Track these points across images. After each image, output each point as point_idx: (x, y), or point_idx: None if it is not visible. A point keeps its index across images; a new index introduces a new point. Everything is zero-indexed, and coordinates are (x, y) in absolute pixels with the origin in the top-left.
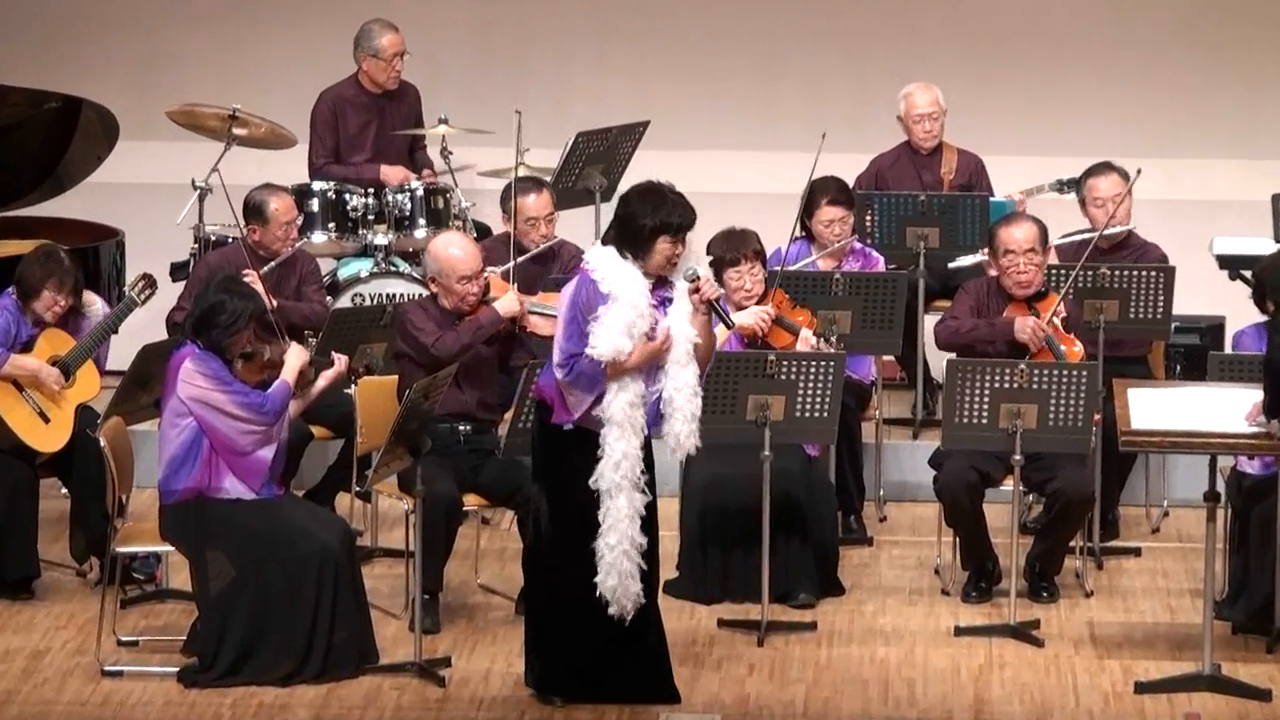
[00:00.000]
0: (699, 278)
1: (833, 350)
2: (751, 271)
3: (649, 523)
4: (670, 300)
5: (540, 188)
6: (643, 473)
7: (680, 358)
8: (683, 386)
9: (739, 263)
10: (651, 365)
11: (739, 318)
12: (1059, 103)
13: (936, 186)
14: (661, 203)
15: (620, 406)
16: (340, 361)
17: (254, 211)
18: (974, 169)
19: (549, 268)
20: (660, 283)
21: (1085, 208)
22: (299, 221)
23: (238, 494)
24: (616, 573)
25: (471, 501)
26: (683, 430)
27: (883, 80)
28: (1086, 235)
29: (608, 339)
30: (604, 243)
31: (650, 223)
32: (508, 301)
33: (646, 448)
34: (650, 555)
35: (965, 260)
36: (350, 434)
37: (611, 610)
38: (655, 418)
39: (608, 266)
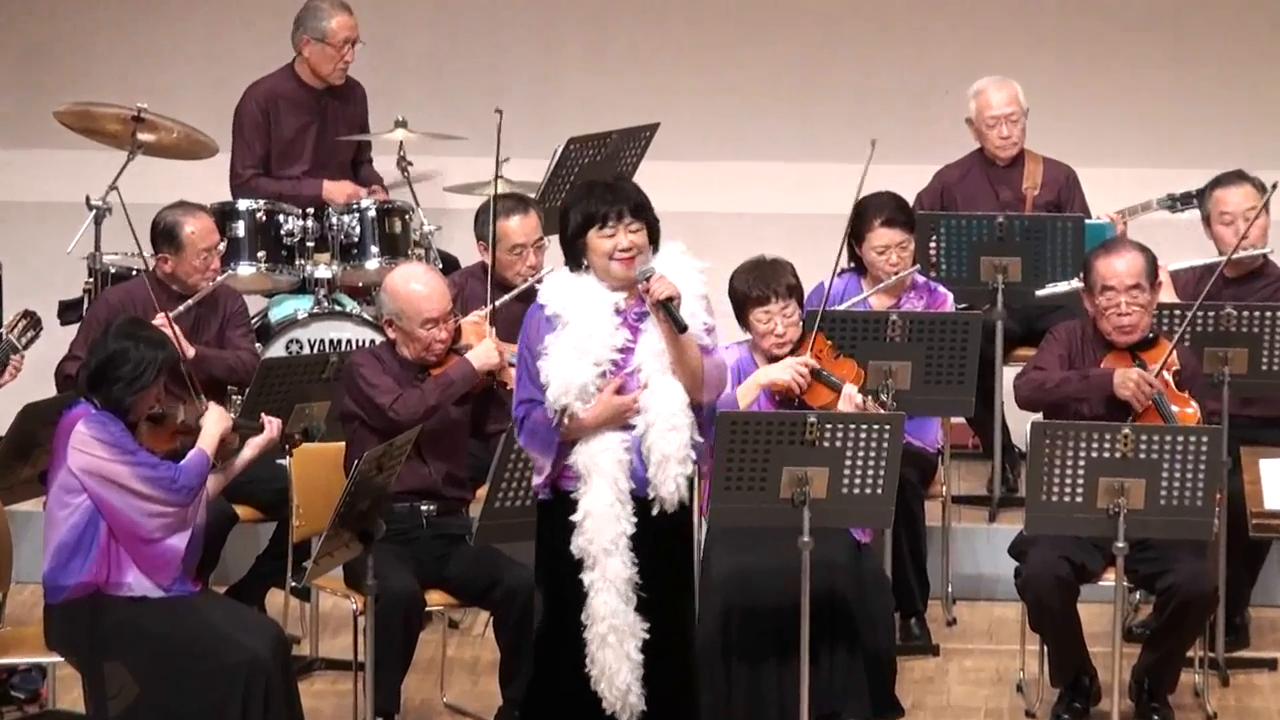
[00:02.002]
0: (650, 276)
1: (888, 411)
2: (784, 311)
3: (660, 607)
4: (645, 314)
5: (525, 207)
6: (627, 536)
7: (652, 381)
8: (656, 420)
9: (768, 300)
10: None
11: (769, 371)
12: (1168, 102)
13: (1017, 206)
14: (585, 194)
15: (587, 454)
16: (272, 426)
17: (165, 236)
18: (1064, 183)
19: None
20: (640, 298)
21: (1210, 226)
22: (221, 249)
23: (143, 591)
24: (597, 663)
25: (436, 600)
26: (659, 476)
27: (948, 74)
28: (1211, 261)
29: (558, 374)
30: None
31: (574, 219)
32: (484, 351)
33: (642, 506)
34: (667, 653)
35: (1058, 287)
36: (284, 515)
37: (605, 706)
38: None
39: (557, 287)
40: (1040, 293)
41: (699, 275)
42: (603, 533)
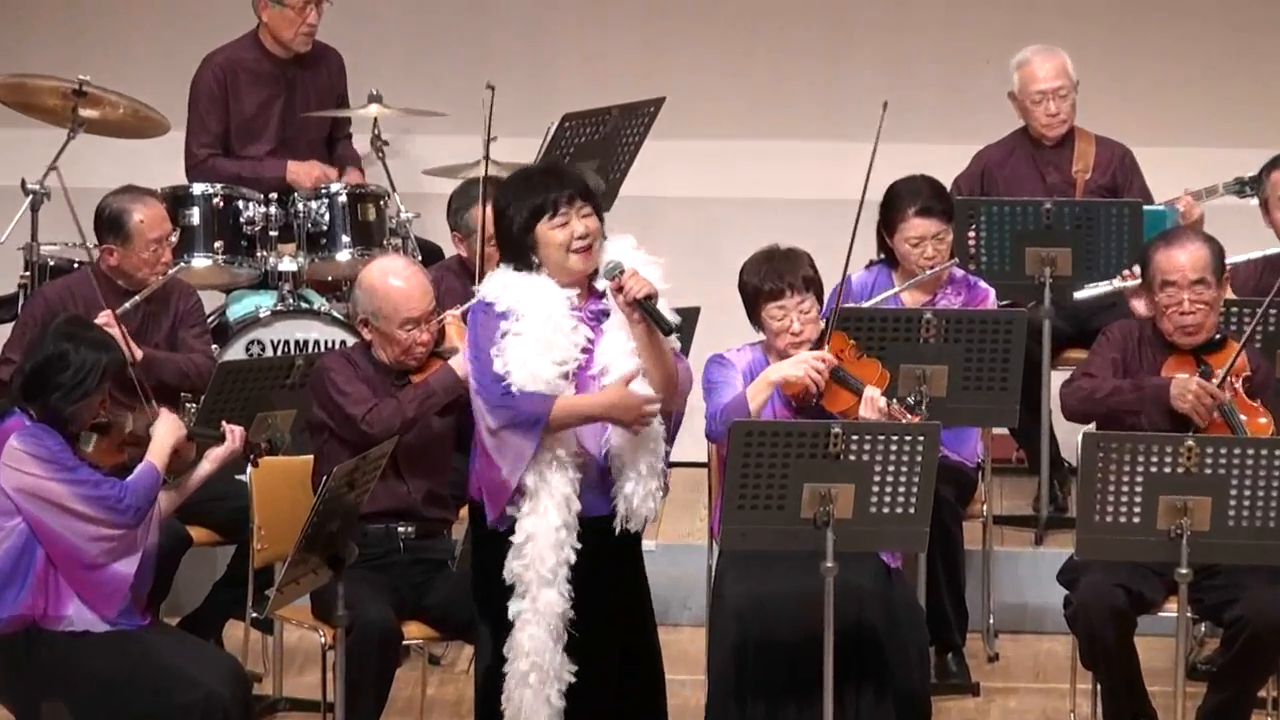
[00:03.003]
0: (621, 272)
1: (922, 420)
2: (801, 307)
3: (593, 648)
4: (606, 314)
5: None
6: (567, 565)
7: (624, 386)
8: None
9: (782, 294)
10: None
11: (780, 368)
12: (1235, 73)
13: (1067, 190)
14: (523, 184)
15: (536, 470)
16: (233, 435)
17: (110, 225)
18: (1119, 164)
19: None
20: (594, 294)
21: (1268, 212)
22: (174, 240)
23: (85, 625)
24: (512, 703)
25: (415, 633)
26: (636, 492)
27: (989, 42)
28: (1275, 252)
29: (520, 364)
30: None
31: (518, 214)
32: None
33: (592, 531)
34: (637, 692)
35: (1099, 288)
36: (244, 537)
37: None
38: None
39: (502, 285)
40: (1079, 295)
41: (656, 271)
42: (544, 559)
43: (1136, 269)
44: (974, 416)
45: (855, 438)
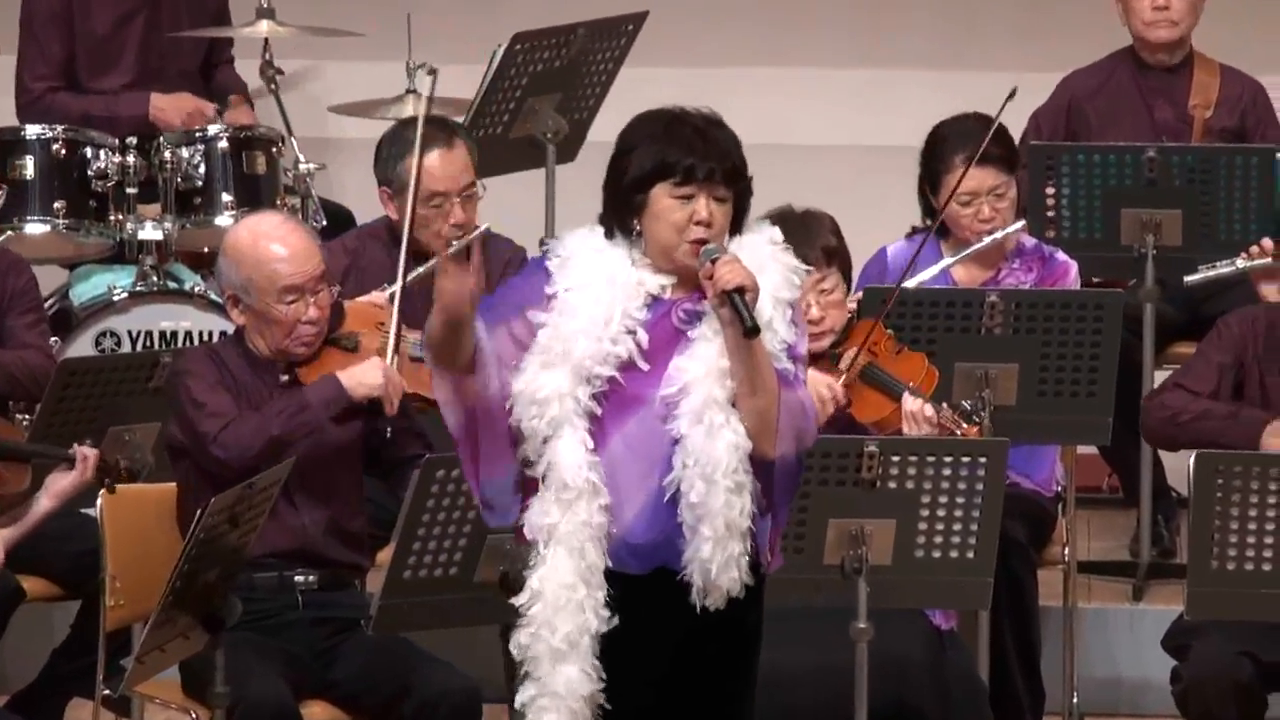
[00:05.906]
0: (715, 258)
1: (985, 433)
2: (821, 286)
3: None
4: (700, 315)
5: (449, 138)
6: (591, 635)
7: (701, 411)
8: (714, 472)
9: None
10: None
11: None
12: None
13: (1182, 131)
14: (663, 130)
15: (540, 510)
16: (84, 459)
17: None
18: (1250, 103)
19: None
20: (700, 290)
21: None
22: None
23: None
24: None
25: (319, 714)
26: (712, 556)
27: None
28: None
29: (528, 382)
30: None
31: (640, 163)
32: (364, 373)
33: (636, 591)
34: None
35: (1213, 270)
36: (92, 590)
37: None
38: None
39: (577, 247)
40: (1190, 279)
41: (790, 276)
42: (554, 627)
43: (1267, 242)
44: (1053, 431)
45: (897, 458)
